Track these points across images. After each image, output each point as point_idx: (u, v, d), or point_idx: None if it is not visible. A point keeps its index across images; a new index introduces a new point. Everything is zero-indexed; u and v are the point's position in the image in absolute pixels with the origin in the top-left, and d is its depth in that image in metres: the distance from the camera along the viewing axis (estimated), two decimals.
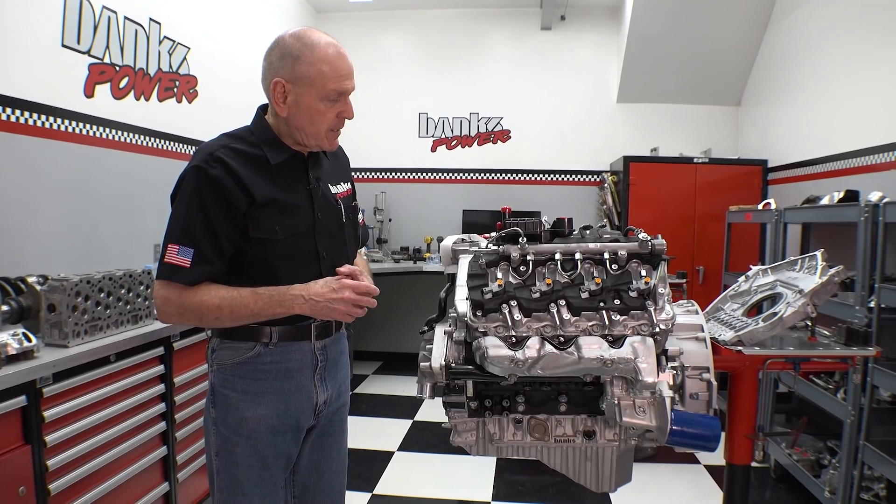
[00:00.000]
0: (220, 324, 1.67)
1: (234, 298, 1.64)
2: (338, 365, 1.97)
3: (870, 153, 3.94)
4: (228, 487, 1.78)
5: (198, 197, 1.65)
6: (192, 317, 1.66)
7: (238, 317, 1.65)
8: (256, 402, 1.76)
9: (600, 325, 1.35)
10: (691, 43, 5.79)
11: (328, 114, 1.73)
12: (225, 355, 1.79)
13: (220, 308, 1.63)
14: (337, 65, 1.70)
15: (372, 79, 6.57)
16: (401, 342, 6.82)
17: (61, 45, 3.08)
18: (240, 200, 1.66)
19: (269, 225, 1.71)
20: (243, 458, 1.76)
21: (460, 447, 1.55)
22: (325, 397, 1.89)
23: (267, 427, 1.77)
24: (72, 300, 2.38)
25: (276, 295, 1.64)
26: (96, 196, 3.36)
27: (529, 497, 3.70)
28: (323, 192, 1.86)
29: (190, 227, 1.64)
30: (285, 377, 1.79)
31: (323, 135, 1.77)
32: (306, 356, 1.83)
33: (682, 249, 5.47)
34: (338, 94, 1.72)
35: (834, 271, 1.61)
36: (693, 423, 1.36)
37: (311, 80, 1.69)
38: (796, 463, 3.56)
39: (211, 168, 1.65)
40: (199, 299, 1.63)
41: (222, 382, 1.79)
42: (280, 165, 1.77)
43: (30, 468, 2.09)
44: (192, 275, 1.63)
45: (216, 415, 1.79)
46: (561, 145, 6.61)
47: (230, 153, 1.69)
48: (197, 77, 4.32)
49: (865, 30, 4.07)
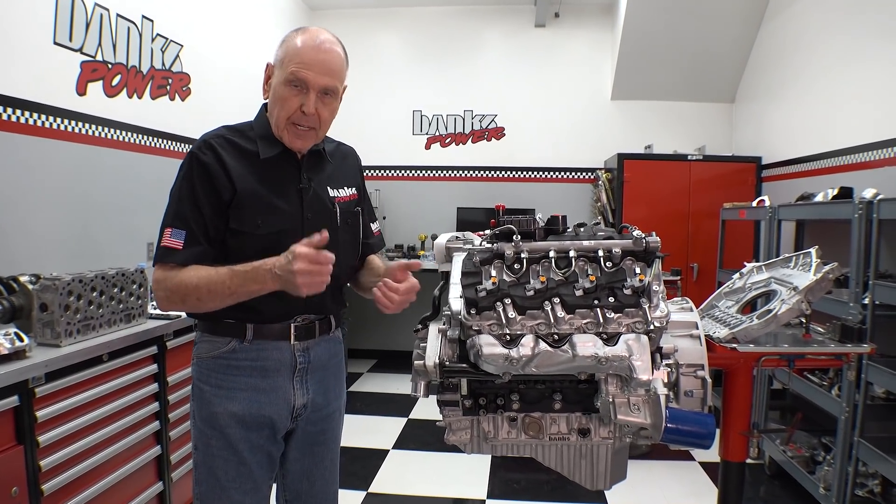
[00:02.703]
0: (204, 305, 1.66)
1: (211, 277, 1.62)
2: (326, 369, 1.93)
3: (864, 150, 3.96)
4: (206, 479, 1.79)
5: (189, 181, 1.70)
6: (177, 298, 1.66)
7: (216, 295, 1.63)
8: (229, 397, 1.77)
9: (594, 322, 1.34)
10: (685, 40, 5.80)
11: (290, 101, 1.72)
12: (203, 348, 1.81)
13: (199, 288, 1.62)
14: (304, 51, 1.70)
15: (366, 76, 6.57)
16: (395, 340, 6.82)
17: (53, 42, 3.06)
18: (225, 188, 1.70)
19: (250, 218, 1.72)
20: (219, 452, 1.77)
21: (455, 445, 1.55)
22: (305, 401, 1.86)
23: (238, 423, 1.76)
24: (64, 299, 2.37)
25: (251, 271, 1.60)
26: (89, 194, 3.34)
27: (525, 495, 3.70)
28: (316, 193, 1.84)
29: (181, 209, 1.68)
30: (260, 375, 1.78)
31: (283, 124, 1.74)
32: (284, 356, 1.81)
33: (677, 246, 5.49)
34: (296, 80, 1.70)
35: (828, 268, 1.61)
36: (687, 421, 1.36)
37: (281, 62, 1.73)
38: (791, 459, 3.57)
39: (202, 154, 1.71)
40: (180, 279, 1.64)
41: (199, 375, 1.81)
42: (271, 162, 1.77)
43: (23, 469, 2.07)
44: (183, 255, 1.66)
45: (194, 407, 1.82)
46: (555, 142, 6.62)
47: (223, 142, 1.74)
48: (190, 74, 4.30)
49: (858, 26, 4.08)
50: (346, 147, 2.08)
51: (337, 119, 1.85)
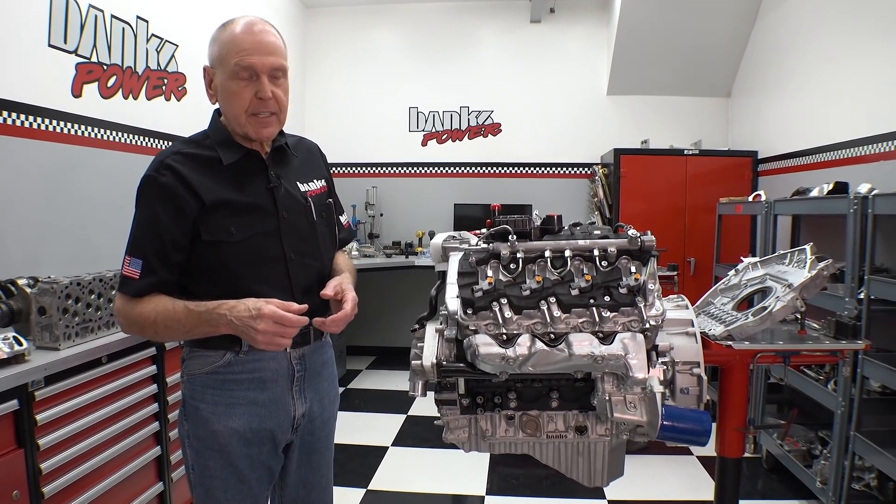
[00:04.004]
0: (162, 338, 1.67)
1: (168, 313, 1.59)
2: (320, 376, 1.91)
3: (859, 144, 3.96)
4: (204, 500, 1.75)
5: (148, 206, 1.64)
6: (136, 329, 1.64)
7: (172, 332, 1.62)
8: (228, 413, 1.71)
9: (590, 321, 1.35)
10: (681, 35, 5.80)
11: (242, 94, 1.67)
12: (194, 365, 1.74)
13: (156, 323, 1.59)
14: (240, 39, 1.66)
15: (362, 73, 6.56)
16: (394, 337, 6.83)
17: (48, 45, 3.05)
18: (189, 206, 1.63)
19: (222, 227, 1.66)
20: (217, 472, 1.72)
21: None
22: (304, 410, 1.83)
23: (240, 440, 1.71)
24: (62, 302, 2.37)
25: (205, 313, 1.56)
26: (86, 196, 3.34)
27: (523, 491, 3.72)
28: (287, 191, 1.79)
29: (139, 238, 1.64)
30: (259, 388, 1.73)
31: (243, 119, 1.69)
32: (281, 365, 1.76)
33: (674, 241, 5.49)
34: (242, 69, 1.65)
35: (823, 265, 1.62)
36: (683, 418, 1.37)
37: (220, 59, 1.69)
38: (788, 453, 3.59)
39: (161, 176, 1.64)
40: (139, 312, 1.61)
41: (192, 394, 1.75)
42: (235, 166, 1.72)
43: (23, 472, 2.08)
44: (138, 286, 1.62)
45: (188, 427, 1.76)
46: (551, 138, 6.61)
47: (181, 158, 1.68)
48: (185, 74, 4.29)
49: (853, 22, 4.09)
50: (308, 141, 2.03)
51: (333, 116, 1.85)
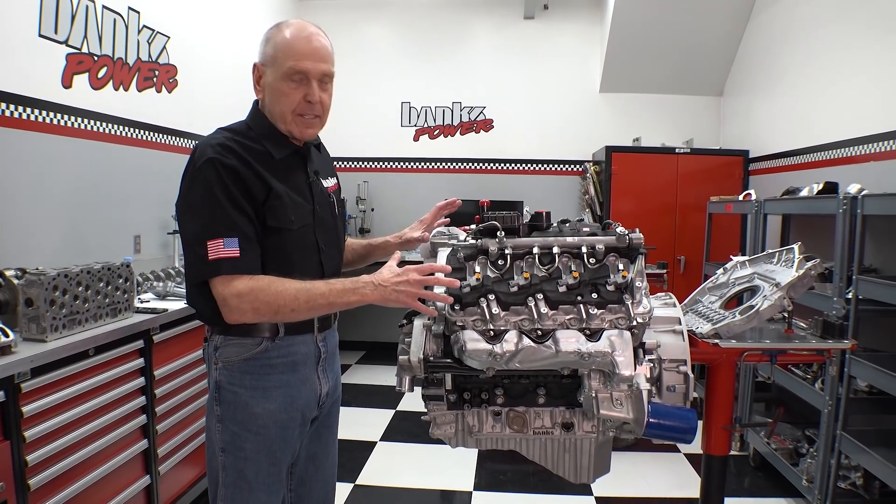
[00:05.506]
0: (293, 316, 1.63)
1: (309, 290, 1.61)
2: (335, 357, 2.00)
3: (849, 145, 3.98)
4: (235, 482, 1.79)
5: (222, 186, 1.63)
6: (266, 310, 1.62)
7: (314, 307, 1.63)
8: (266, 396, 1.77)
9: (578, 318, 1.36)
10: (674, 33, 5.81)
11: (292, 95, 1.73)
12: (231, 352, 1.78)
13: (297, 299, 1.60)
14: (296, 44, 1.72)
15: (354, 68, 6.53)
16: (383, 332, 6.81)
17: (38, 35, 3.02)
18: (259, 189, 1.68)
19: (284, 215, 1.72)
20: (252, 454, 1.77)
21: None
22: (328, 388, 1.92)
23: (276, 422, 1.78)
24: (49, 294, 2.36)
25: (350, 283, 1.61)
26: (75, 187, 3.31)
27: (511, 486, 3.73)
28: (319, 187, 1.89)
29: (225, 217, 1.63)
30: (291, 370, 1.81)
31: (289, 118, 1.76)
32: (310, 348, 1.85)
33: (664, 239, 5.51)
34: (295, 73, 1.71)
35: (811, 265, 1.63)
36: (669, 416, 1.38)
37: (273, 59, 1.74)
38: (775, 452, 3.61)
39: (226, 158, 1.65)
40: (275, 290, 1.61)
41: (229, 379, 1.78)
42: (284, 160, 1.79)
43: (9, 464, 2.07)
44: (248, 262, 1.63)
45: (222, 412, 1.79)
46: (544, 135, 6.62)
47: (237, 145, 1.70)
48: (177, 66, 4.26)
49: (845, 22, 4.10)
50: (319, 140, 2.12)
51: None
